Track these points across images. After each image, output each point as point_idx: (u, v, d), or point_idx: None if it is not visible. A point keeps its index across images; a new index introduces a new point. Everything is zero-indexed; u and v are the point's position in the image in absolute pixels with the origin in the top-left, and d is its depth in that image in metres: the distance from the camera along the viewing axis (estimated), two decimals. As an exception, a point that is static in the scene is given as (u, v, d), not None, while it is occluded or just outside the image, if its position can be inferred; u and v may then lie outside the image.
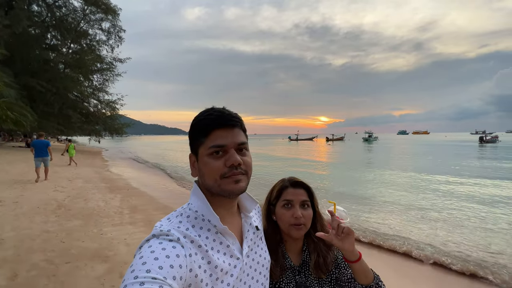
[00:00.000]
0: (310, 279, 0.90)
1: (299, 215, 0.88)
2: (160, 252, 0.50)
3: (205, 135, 0.62)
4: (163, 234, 0.54)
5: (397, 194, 8.84)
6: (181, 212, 0.63)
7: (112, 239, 4.06)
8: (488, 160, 18.22)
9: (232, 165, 0.60)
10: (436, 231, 5.45)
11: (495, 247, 4.66)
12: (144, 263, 0.47)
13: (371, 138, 63.32)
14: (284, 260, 0.90)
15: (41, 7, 22.95)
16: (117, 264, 3.23)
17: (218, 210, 0.63)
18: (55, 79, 21.37)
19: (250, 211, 0.73)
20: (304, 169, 15.87)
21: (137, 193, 7.98)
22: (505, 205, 7.45)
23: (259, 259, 0.71)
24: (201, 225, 0.61)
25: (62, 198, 6.43)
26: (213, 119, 0.62)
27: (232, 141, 0.62)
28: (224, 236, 0.63)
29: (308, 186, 0.95)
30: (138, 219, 5.24)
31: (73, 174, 10.46)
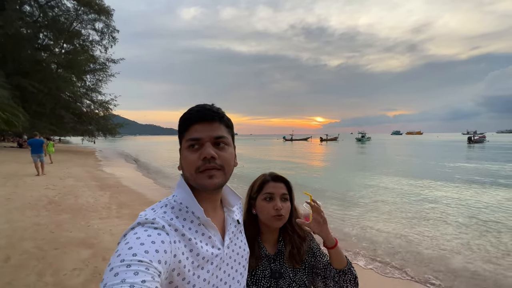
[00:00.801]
0: (284, 266, 0.97)
1: (280, 206, 0.94)
2: (146, 238, 0.51)
3: (185, 129, 0.65)
4: (148, 222, 0.56)
5: (370, 200, 8.01)
6: (166, 203, 0.64)
7: (98, 230, 4.43)
8: (473, 160, 18.91)
9: (205, 158, 0.62)
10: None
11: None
12: (130, 247, 0.48)
13: (364, 138, 64.41)
14: (259, 250, 0.97)
15: (33, 7, 22.99)
16: (101, 249, 3.61)
17: (202, 203, 0.65)
18: (47, 79, 21.44)
19: (233, 206, 0.76)
20: (292, 172, 16.31)
21: (126, 191, 8.32)
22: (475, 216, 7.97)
23: (239, 250, 0.74)
24: (184, 216, 0.63)
25: (53, 195, 6.76)
26: (193, 113, 0.65)
27: (208, 135, 0.63)
28: (206, 228, 0.65)
29: (287, 180, 1.02)
30: (124, 214, 5.61)
31: (64, 173, 10.72)
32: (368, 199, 8.18)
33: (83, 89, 26.43)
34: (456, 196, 8.47)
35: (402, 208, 7.18)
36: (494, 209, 7.03)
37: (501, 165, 15.43)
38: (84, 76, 25.82)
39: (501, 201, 7.83)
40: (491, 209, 7.03)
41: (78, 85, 25.92)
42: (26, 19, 22.23)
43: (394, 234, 5.24)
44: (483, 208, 7.07)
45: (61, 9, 24.15)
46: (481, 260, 4.12)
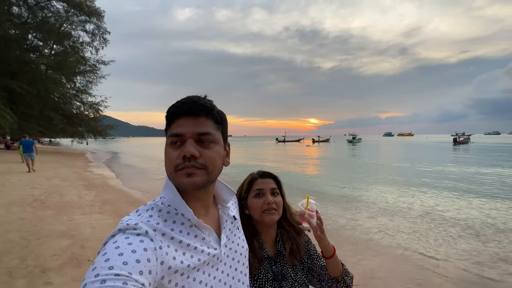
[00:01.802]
0: (285, 267, 0.96)
1: (270, 200, 0.94)
2: (126, 247, 0.47)
3: (169, 124, 0.60)
4: (130, 228, 0.52)
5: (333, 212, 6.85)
6: (152, 206, 0.59)
7: (79, 223, 4.79)
8: (454, 165, 19.47)
9: (184, 156, 0.56)
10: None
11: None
12: (107, 259, 0.45)
13: (355, 140, 65.76)
14: (261, 252, 0.94)
15: (21, 7, 22.92)
16: (80, 240, 3.99)
17: (192, 203, 0.61)
18: (36, 81, 21.43)
19: (227, 202, 0.72)
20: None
21: (112, 190, 8.63)
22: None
23: (237, 248, 0.71)
24: (174, 219, 0.59)
25: (38, 194, 7.04)
26: (177, 106, 0.59)
27: (190, 130, 0.58)
28: (199, 229, 0.61)
29: (275, 175, 1.02)
30: (107, 210, 5.97)
31: (52, 174, 10.93)
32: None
33: (73, 90, 26.43)
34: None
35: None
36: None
37: (476, 168, 15.92)
38: (74, 77, 25.85)
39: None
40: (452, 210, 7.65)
41: (68, 86, 25.90)
42: (15, 20, 22.19)
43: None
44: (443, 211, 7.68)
45: (51, 11, 24.20)
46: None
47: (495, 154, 25.87)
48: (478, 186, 10.28)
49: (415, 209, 7.15)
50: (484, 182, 11.07)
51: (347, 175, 13.50)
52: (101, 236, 4.24)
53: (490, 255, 4.31)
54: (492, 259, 4.17)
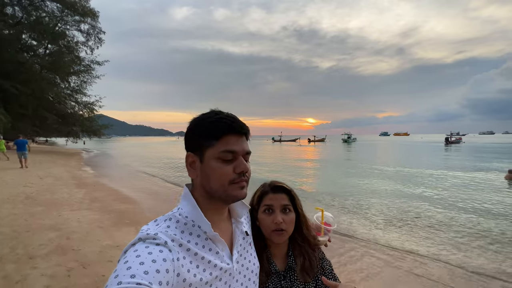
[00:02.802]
0: (295, 284, 0.91)
1: (279, 220, 0.88)
2: (146, 256, 0.49)
3: (216, 138, 0.61)
4: (150, 237, 0.54)
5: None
6: (170, 216, 0.61)
7: (67, 218, 5.16)
8: (440, 169, 19.99)
9: (241, 172, 0.61)
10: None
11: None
12: (129, 268, 0.46)
13: (350, 139, 66.62)
14: (269, 265, 0.90)
15: (15, 6, 22.97)
16: (67, 232, 4.37)
17: (210, 216, 0.62)
18: (30, 81, 21.57)
19: (241, 217, 0.73)
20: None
21: (102, 188, 8.98)
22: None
23: (249, 265, 0.71)
24: (190, 230, 0.60)
25: (30, 192, 7.38)
26: (228, 123, 0.62)
27: (242, 149, 0.63)
28: (214, 243, 0.62)
29: (289, 189, 0.96)
30: (95, 207, 6.34)
31: (45, 173, 11.23)
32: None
33: (68, 90, 26.57)
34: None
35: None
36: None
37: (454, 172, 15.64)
38: (68, 77, 25.97)
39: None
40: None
41: (62, 86, 26.04)
42: (9, 21, 22.29)
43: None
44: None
45: (45, 11, 24.31)
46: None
47: (483, 154, 26.60)
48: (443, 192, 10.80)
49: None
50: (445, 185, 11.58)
51: (325, 183, 13.20)
52: (87, 229, 4.62)
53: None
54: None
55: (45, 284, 2.79)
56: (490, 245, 4.88)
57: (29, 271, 3.03)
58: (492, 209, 7.26)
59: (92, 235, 4.37)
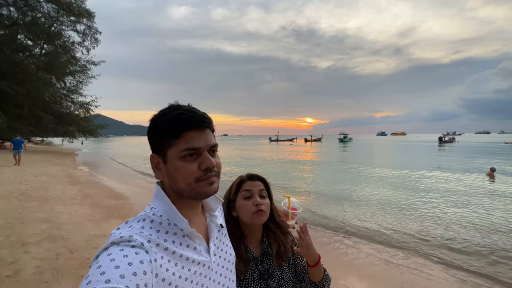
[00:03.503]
0: (271, 267, 0.97)
1: (259, 201, 0.96)
2: (122, 259, 0.47)
3: (176, 136, 0.59)
4: (124, 240, 0.52)
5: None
6: (144, 217, 0.59)
7: (59, 212, 5.51)
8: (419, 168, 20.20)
9: (207, 168, 0.60)
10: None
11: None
12: (102, 272, 0.44)
13: (346, 139, 67.32)
14: (247, 253, 0.96)
15: (10, 7, 23.11)
16: (58, 224, 4.71)
17: (184, 212, 0.62)
18: (25, 81, 21.77)
19: (215, 210, 0.73)
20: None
21: (96, 186, 9.31)
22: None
23: (225, 256, 0.72)
24: (166, 229, 0.59)
25: (25, 189, 7.69)
26: (186, 119, 0.59)
27: (205, 144, 0.61)
28: (191, 239, 0.62)
29: (263, 178, 1.04)
30: (87, 202, 6.68)
31: (40, 171, 11.52)
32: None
33: (64, 90, 26.76)
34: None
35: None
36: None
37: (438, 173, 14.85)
38: (64, 78, 26.16)
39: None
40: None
41: (58, 86, 26.23)
42: (4, 22, 22.47)
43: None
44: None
45: (40, 11, 24.47)
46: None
47: (472, 153, 27.18)
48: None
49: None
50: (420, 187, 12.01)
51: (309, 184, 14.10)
52: (77, 221, 4.97)
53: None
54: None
55: (35, 265, 3.15)
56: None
57: (21, 255, 3.39)
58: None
59: (81, 226, 4.73)
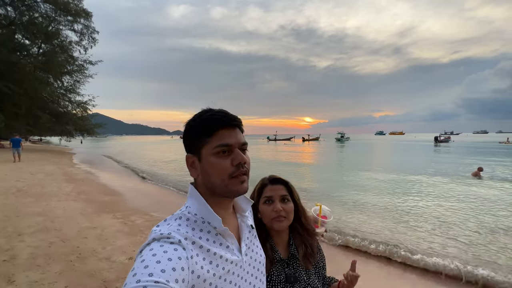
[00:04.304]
0: (298, 270, 0.97)
1: (279, 208, 0.96)
2: (162, 255, 0.50)
3: (209, 134, 0.63)
4: (164, 237, 0.55)
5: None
6: (180, 215, 0.63)
7: (54, 207, 5.82)
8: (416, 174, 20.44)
9: (239, 164, 0.63)
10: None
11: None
12: (146, 266, 0.48)
13: (343, 138, 67.77)
14: (273, 254, 0.96)
15: (7, 6, 23.24)
16: (52, 217, 5.04)
17: (217, 211, 0.64)
18: (23, 80, 21.96)
19: (246, 211, 0.75)
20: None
21: (91, 183, 9.62)
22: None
23: (256, 257, 0.74)
24: (201, 227, 0.62)
25: (22, 186, 8.00)
26: (218, 118, 0.64)
27: (236, 141, 0.64)
28: (224, 238, 0.65)
29: (286, 181, 1.04)
30: (81, 198, 6.99)
31: (36, 170, 11.81)
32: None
33: (61, 89, 26.97)
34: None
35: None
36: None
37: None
38: (61, 77, 26.36)
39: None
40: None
41: (55, 86, 26.43)
42: (2, 21, 22.64)
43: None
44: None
45: (38, 11, 24.65)
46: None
47: (465, 153, 27.63)
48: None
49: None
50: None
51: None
52: (70, 215, 5.29)
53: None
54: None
55: (30, 252, 3.47)
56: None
57: (17, 243, 3.71)
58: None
59: (74, 219, 5.05)
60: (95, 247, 3.77)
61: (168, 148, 39.76)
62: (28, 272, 2.96)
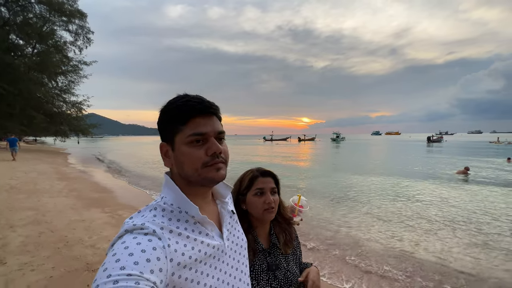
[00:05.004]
0: (278, 258, 1.04)
1: (271, 200, 1.01)
2: (135, 247, 0.49)
3: (183, 122, 0.60)
4: (137, 228, 0.53)
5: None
6: (155, 206, 0.61)
7: (45, 203, 6.12)
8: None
9: (214, 154, 0.60)
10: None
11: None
12: (117, 260, 0.46)
13: (339, 138, 68.55)
14: (256, 245, 1.01)
15: (1, 6, 23.28)
16: (43, 211, 5.34)
17: (195, 200, 0.63)
18: (17, 81, 22.05)
19: (225, 197, 0.75)
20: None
21: (83, 181, 9.90)
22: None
23: (237, 241, 0.74)
24: (178, 217, 0.60)
25: (15, 183, 8.26)
26: (193, 105, 0.60)
27: (212, 130, 0.61)
28: (203, 226, 0.63)
29: (274, 174, 1.08)
30: (72, 195, 7.29)
31: (30, 169, 12.04)
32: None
33: (56, 90, 27.03)
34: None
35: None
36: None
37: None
38: (56, 77, 26.44)
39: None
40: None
41: (50, 86, 26.51)
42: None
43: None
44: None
45: (32, 12, 24.71)
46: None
47: (455, 153, 28.33)
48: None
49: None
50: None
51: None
52: (60, 209, 5.60)
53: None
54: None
55: (21, 240, 3.80)
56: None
57: (9, 233, 4.03)
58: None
59: (64, 213, 5.37)
60: (82, 237, 4.11)
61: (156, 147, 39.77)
62: (19, 256, 3.29)
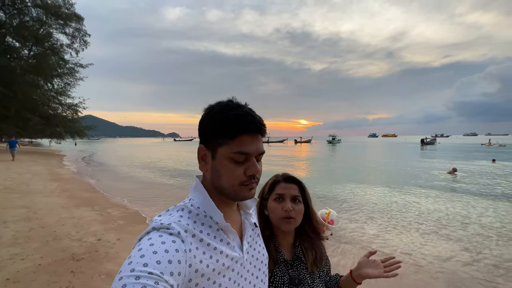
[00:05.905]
0: (302, 273, 0.94)
1: (289, 207, 0.92)
2: (159, 245, 0.50)
3: (231, 137, 0.59)
4: (164, 227, 0.55)
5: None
6: (182, 207, 0.62)
7: (37, 201, 6.42)
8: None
9: (252, 175, 0.61)
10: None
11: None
12: (142, 255, 0.48)
13: (334, 140, 69.25)
14: (277, 255, 0.93)
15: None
16: (34, 209, 5.65)
17: (221, 207, 0.63)
18: (12, 83, 22.22)
19: (250, 208, 0.74)
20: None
21: (75, 182, 10.18)
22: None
23: (258, 255, 0.72)
24: (202, 221, 0.61)
25: (9, 184, 8.53)
26: (245, 122, 0.60)
27: (256, 150, 0.61)
28: (225, 233, 0.63)
29: (300, 181, 0.99)
30: (64, 195, 7.58)
31: (24, 170, 12.27)
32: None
33: (52, 92, 27.19)
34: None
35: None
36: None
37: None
38: (52, 80, 26.62)
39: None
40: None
41: (46, 88, 26.68)
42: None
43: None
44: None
45: (28, 15, 24.95)
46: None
47: (446, 156, 28.96)
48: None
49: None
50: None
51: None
52: (51, 208, 5.91)
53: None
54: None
55: (12, 234, 4.11)
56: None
57: (1, 229, 4.34)
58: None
59: (55, 211, 5.67)
60: (70, 232, 4.43)
61: (156, 150, 40.14)
62: (10, 248, 3.61)
